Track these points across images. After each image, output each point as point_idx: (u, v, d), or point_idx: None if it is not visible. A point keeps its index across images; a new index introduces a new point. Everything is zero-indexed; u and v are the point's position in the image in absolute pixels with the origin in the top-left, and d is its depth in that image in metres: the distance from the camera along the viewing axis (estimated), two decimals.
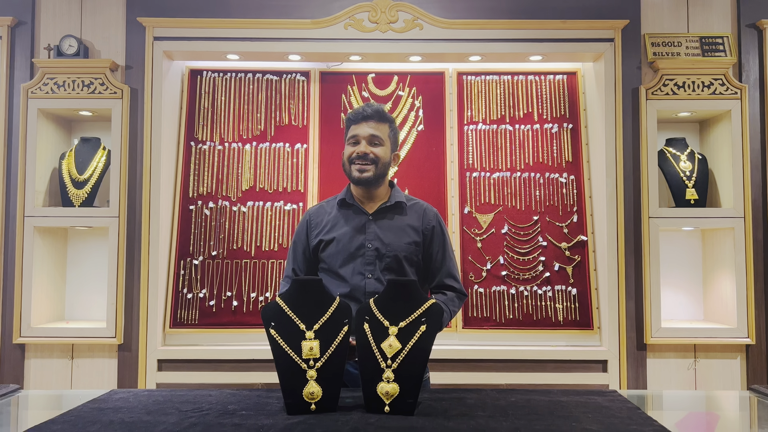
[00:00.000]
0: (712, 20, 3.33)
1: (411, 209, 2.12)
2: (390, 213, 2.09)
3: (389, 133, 2.09)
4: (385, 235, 2.05)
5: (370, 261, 2.03)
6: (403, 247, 2.04)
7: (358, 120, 2.05)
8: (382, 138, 2.05)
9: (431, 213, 2.14)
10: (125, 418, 1.57)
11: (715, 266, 3.36)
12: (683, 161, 3.31)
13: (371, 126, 2.04)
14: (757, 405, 1.89)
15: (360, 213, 2.09)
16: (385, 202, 2.09)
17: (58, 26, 3.31)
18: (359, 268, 2.03)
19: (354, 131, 2.06)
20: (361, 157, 2.02)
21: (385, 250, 2.03)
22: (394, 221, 2.08)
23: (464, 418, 1.54)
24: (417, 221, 2.10)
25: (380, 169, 2.04)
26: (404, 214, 2.10)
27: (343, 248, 2.05)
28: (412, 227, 2.09)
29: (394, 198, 2.11)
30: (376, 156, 2.03)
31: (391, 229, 2.06)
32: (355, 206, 2.10)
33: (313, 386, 1.60)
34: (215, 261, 3.36)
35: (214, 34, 3.27)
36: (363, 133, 2.04)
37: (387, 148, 2.07)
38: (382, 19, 3.27)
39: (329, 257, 2.07)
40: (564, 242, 3.35)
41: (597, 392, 1.86)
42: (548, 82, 3.51)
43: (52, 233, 3.34)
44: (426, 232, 2.10)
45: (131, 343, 3.18)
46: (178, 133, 3.46)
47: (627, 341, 3.16)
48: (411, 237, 2.07)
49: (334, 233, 2.07)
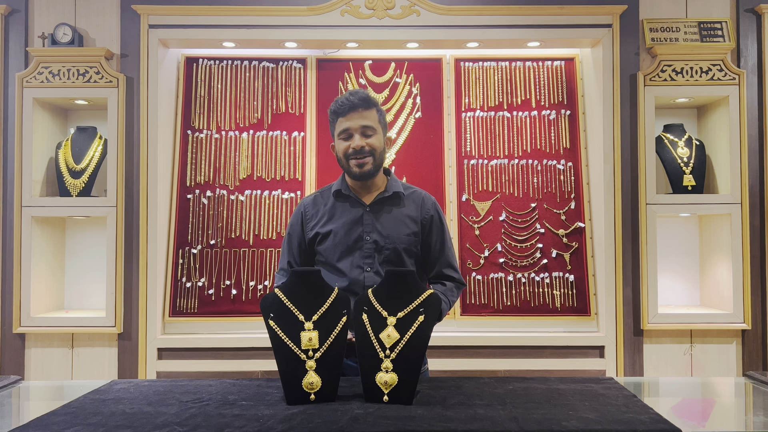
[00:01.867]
0: (710, 5, 3.31)
1: (408, 199, 2.08)
2: (387, 204, 2.05)
3: (378, 117, 2.02)
4: (384, 227, 2.01)
5: (369, 254, 2.00)
6: (402, 239, 2.02)
7: (346, 111, 1.98)
8: (373, 126, 1.99)
9: (429, 202, 2.11)
10: (126, 408, 1.58)
11: (712, 252, 3.37)
12: (681, 147, 3.31)
13: (360, 115, 1.98)
14: (752, 391, 1.91)
15: (357, 204, 2.05)
16: (383, 192, 2.05)
17: (52, 14, 3.28)
18: (358, 261, 2.00)
19: (344, 124, 1.99)
20: (357, 152, 1.97)
21: (384, 243, 2.00)
22: (392, 212, 2.04)
23: (462, 407, 1.56)
24: (415, 211, 2.07)
25: (378, 159, 2.01)
26: (402, 204, 2.07)
27: (340, 241, 2.02)
28: (411, 218, 2.05)
29: (392, 188, 2.06)
30: (372, 147, 1.98)
31: (389, 221, 2.03)
32: (351, 197, 2.06)
33: (313, 376, 1.61)
34: (214, 250, 3.36)
35: (209, 21, 3.24)
36: (354, 126, 1.97)
37: (380, 134, 2.02)
38: (378, 6, 3.24)
39: (326, 250, 2.03)
40: (561, 229, 3.36)
41: (594, 380, 1.87)
42: (546, 68, 3.49)
43: (50, 223, 3.34)
44: (425, 222, 2.07)
45: (131, 332, 3.20)
46: (175, 121, 3.45)
47: (624, 327, 3.18)
48: (410, 228, 2.04)
49: (331, 226, 2.04)
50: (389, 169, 2.16)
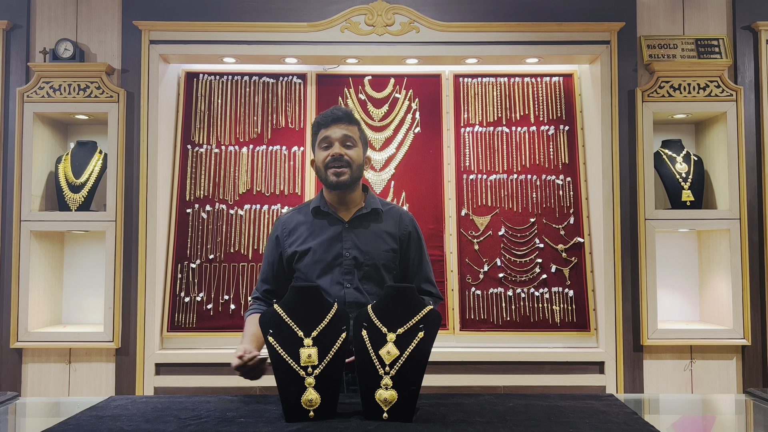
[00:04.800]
0: (707, 22, 3.34)
1: (387, 215, 2.10)
2: (366, 220, 2.06)
3: (359, 134, 2.06)
4: (363, 243, 2.02)
5: (348, 270, 2.00)
6: (381, 255, 2.02)
7: (328, 123, 2.01)
8: (354, 139, 2.02)
9: (407, 218, 2.12)
10: (124, 426, 1.57)
11: (711, 268, 3.37)
12: (679, 163, 3.32)
13: (342, 128, 2.01)
14: (753, 408, 1.90)
15: (335, 221, 2.05)
16: (361, 209, 2.06)
17: (54, 30, 3.30)
18: (337, 278, 2.00)
19: (325, 134, 2.01)
20: (336, 159, 1.98)
21: (363, 259, 2.00)
22: (371, 228, 2.05)
23: (462, 424, 1.55)
24: (393, 227, 2.08)
25: (355, 171, 2.01)
26: (380, 220, 2.08)
27: (320, 258, 2.01)
28: (389, 234, 2.06)
29: (370, 204, 2.07)
30: (350, 158, 1.99)
31: (368, 237, 2.03)
32: (330, 214, 2.06)
33: (312, 393, 1.60)
34: (212, 264, 3.35)
35: (210, 37, 3.26)
36: (335, 135, 2.00)
37: (359, 149, 2.04)
38: (378, 22, 3.27)
39: (305, 267, 2.03)
40: (561, 244, 3.36)
41: (594, 397, 1.86)
42: (544, 84, 3.51)
43: (49, 237, 3.33)
44: (403, 238, 2.08)
45: (129, 347, 3.18)
46: (175, 136, 3.46)
47: (624, 343, 3.17)
48: (389, 244, 2.05)
49: (309, 243, 2.03)
50: (366, 185, 2.17)
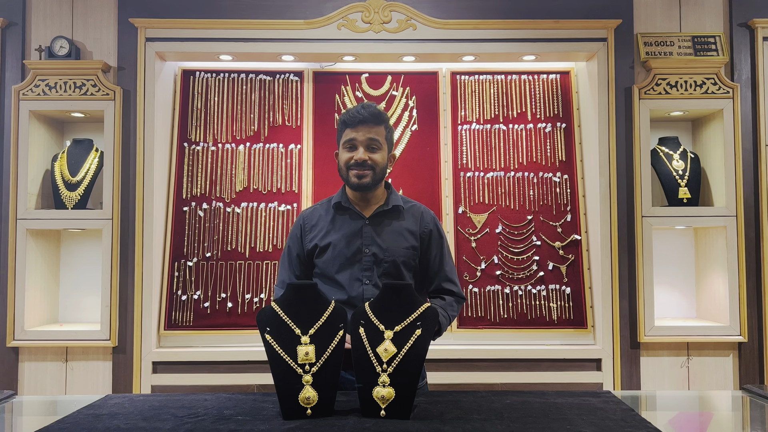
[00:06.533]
0: (704, 20, 3.35)
1: (408, 212, 2.09)
2: (387, 217, 2.06)
3: (386, 134, 2.04)
4: (383, 240, 2.02)
5: (368, 267, 2.00)
6: (401, 252, 2.02)
7: (355, 124, 2.00)
8: (379, 141, 2.01)
9: (428, 216, 2.12)
10: (121, 424, 1.56)
11: (707, 264, 3.38)
12: (676, 160, 3.33)
13: (368, 130, 1.99)
14: (749, 405, 1.90)
15: (356, 217, 2.06)
16: (382, 206, 2.06)
17: (50, 27, 3.29)
18: (357, 274, 2.00)
19: (350, 135, 2.00)
20: (359, 164, 1.98)
21: (383, 255, 2.01)
22: (392, 225, 2.05)
23: (460, 422, 1.55)
24: (414, 225, 2.08)
25: (378, 174, 2.02)
26: (401, 218, 2.08)
27: (339, 253, 2.02)
28: (410, 231, 2.06)
29: (392, 201, 2.07)
30: (374, 162, 1.99)
31: (388, 234, 2.03)
32: (351, 210, 2.07)
33: (309, 391, 1.60)
34: (209, 262, 3.35)
35: (206, 35, 3.25)
36: (360, 138, 1.99)
37: (384, 151, 2.03)
38: (375, 20, 3.26)
39: (325, 263, 2.04)
40: (558, 241, 3.36)
41: (591, 393, 1.87)
42: (541, 81, 3.51)
43: (45, 236, 3.32)
44: (423, 236, 2.08)
45: (126, 345, 3.17)
46: (171, 134, 3.45)
47: (621, 340, 3.18)
48: (409, 241, 2.05)
49: (330, 238, 2.04)
50: (388, 182, 2.17)
